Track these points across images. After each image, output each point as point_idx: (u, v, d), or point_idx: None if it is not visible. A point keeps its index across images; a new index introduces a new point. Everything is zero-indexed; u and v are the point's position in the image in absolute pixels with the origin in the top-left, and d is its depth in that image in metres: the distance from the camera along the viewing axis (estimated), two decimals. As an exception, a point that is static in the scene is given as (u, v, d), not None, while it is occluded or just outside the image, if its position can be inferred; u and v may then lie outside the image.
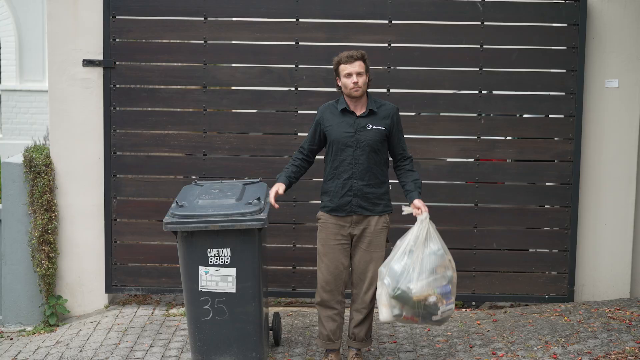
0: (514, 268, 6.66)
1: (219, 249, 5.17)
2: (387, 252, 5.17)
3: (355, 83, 5.05)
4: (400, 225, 6.41)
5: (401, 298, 4.94)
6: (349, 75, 5.06)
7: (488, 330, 6.06)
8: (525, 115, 6.74)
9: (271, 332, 5.78)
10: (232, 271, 5.19)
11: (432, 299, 4.93)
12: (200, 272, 5.19)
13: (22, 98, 16.67)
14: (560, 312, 6.35)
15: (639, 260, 6.72)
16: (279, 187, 5.22)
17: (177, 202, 5.32)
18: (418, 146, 6.50)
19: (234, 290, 5.20)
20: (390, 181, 5.28)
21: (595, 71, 6.52)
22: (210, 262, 5.18)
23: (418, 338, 5.96)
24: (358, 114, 5.15)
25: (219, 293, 5.19)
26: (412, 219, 6.45)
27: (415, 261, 4.94)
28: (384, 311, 5.02)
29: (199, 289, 5.20)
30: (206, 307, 5.22)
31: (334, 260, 5.18)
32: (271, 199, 5.20)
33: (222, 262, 5.18)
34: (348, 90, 5.10)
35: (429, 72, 6.56)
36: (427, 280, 4.92)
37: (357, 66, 5.06)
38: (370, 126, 5.12)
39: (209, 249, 5.17)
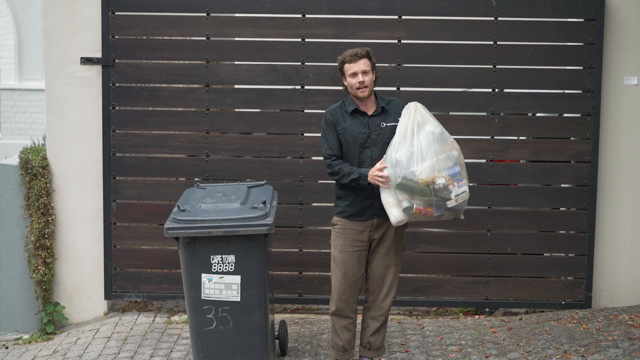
0: (528, 273, 6.44)
1: (223, 256, 4.96)
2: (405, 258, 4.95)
3: (361, 82, 4.85)
4: (413, 229, 6.22)
5: (406, 187, 4.64)
6: (354, 74, 4.87)
7: (503, 339, 5.82)
8: (540, 114, 6.52)
9: (277, 341, 5.58)
10: (237, 279, 4.98)
11: (440, 181, 4.63)
12: (203, 279, 4.98)
13: (22, 97, 16.47)
14: (578, 319, 6.11)
15: (658, 265, 6.49)
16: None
17: (178, 206, 5.12)
18: (429, 147, 6.28)
19: (238, 299, 4.99)
20: None
21: (614, 68, 6.30)
22: (214, 269, 4.97)
23: (430, 347, 5.73)
24: (369, 113, 4.94)
25: (223, 302, 4.99)
26: (424, 223, 6.27)
27: (414, 145, 4.66)
28: (394, 212, 4.71)
29: (202, 298, 5.00)
30: (209, 316, 5.02)
31: (352, 268, 4.97)
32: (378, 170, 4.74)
33: (226, 269, 4.97)
34: (354, 91, 4.90)
35: (440, 70, 6.35)
36: (430, 162, 4.64)
37: (363, 64, 4.86)
38: (385, 124, 4.91)
39: (212, 256, 4.96)
